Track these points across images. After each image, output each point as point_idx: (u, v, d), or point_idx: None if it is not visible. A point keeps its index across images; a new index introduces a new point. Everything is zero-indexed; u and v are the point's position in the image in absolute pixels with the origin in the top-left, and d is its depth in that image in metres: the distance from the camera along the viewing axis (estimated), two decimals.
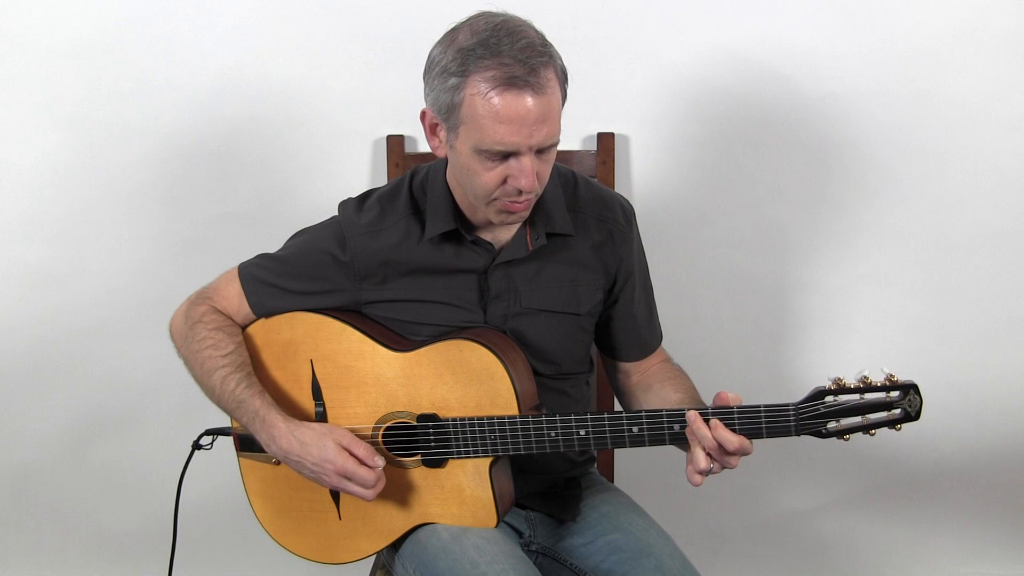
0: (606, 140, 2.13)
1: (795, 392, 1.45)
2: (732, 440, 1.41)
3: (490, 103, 1.40)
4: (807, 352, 2.28)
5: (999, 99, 2.14)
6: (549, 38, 1.46)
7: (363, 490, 1.53)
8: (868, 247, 2.23)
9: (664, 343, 1.80)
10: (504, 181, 1.47)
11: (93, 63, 2.15)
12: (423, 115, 1.53)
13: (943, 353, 2.26)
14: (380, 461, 1.54)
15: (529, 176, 1.45)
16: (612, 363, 1.78)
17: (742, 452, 1.43)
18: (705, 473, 1.44)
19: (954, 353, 2.26)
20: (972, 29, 2.11)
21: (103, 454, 2.36)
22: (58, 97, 2.17)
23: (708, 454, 1.43)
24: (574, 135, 2.16)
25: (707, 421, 1.44)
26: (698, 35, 2.14)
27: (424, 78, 1.50)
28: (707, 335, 2.25)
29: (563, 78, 1.47)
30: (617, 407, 1.87)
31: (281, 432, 1.55)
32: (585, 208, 1.66)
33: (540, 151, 1.46)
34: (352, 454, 1.53)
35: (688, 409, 1.46)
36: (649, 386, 1.71)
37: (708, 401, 1.51)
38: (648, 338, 1.76)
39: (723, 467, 1.45)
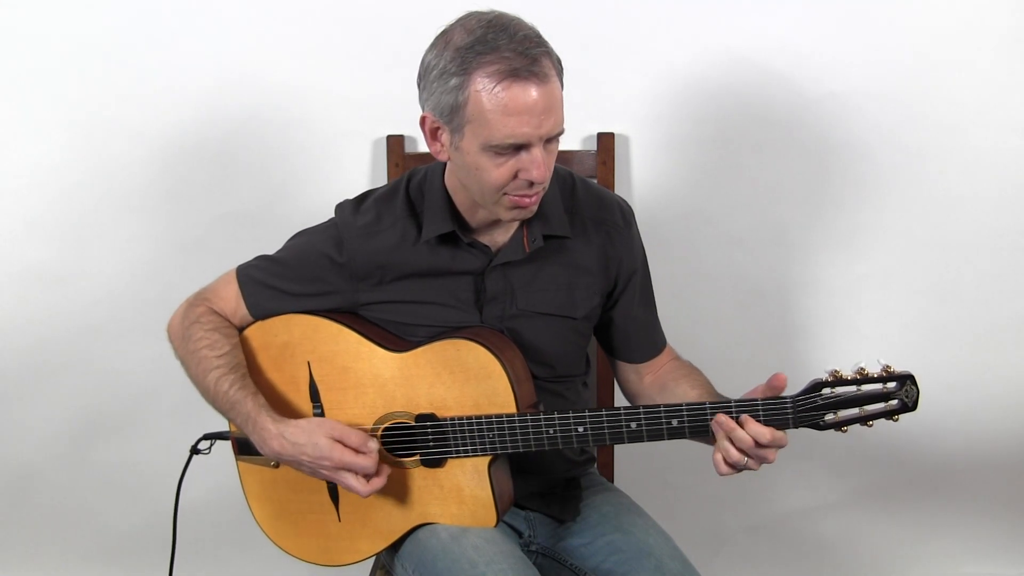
0: (606, 140, 2.13)
1: (795, 392, 1.45)
2: (764, 433, 1.41)
3: (496, 97, 1.40)
4: (807, 352, 2.28)
5: (999, 100, 2.14)
6: (549, 38, 1.46)
7: (361, 485, 1.52)
8: (868, 247, 2.23)
9: None
10: (515, 176, 1.47)
11: (94, 63, 2.15)
12: (422, 121, 1.52)
13: (943, 352, 2.25)
14: (375, 445, 1.53)
15: (540, 167, 1.44)
16: (623, 366, 1.77)
17: (776, 444, 1.42)
18: (735, 466, 1.44)
19: (954, 353, 2.26)
20: (972, 29, 2.11)
21: (103, 454, 2.36)
22: (59, 97, 2.17)
23: (742, 450, 1.43)
24: (574, 135, 2.15)
25: (736, 419, 1.43)
26: (698, 35, 2.14)
27: (419, 84, 1.50)
28: (707, 335, 2.25)
29: (559, 68, 1.47)
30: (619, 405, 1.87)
31: (271, 434, 1.54)
32: (583, 210, 1.66)
33: (547, 141, 1.46)
34: (346, 445, 1.53)
35: (687, 405, 1.47)
36: (664, 385, 1.70)
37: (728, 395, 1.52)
38: (655, 336, 1.76)
39: (760, 462, 1.44)
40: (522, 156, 1.45)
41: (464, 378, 1.55)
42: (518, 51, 1.40)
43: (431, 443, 1.57)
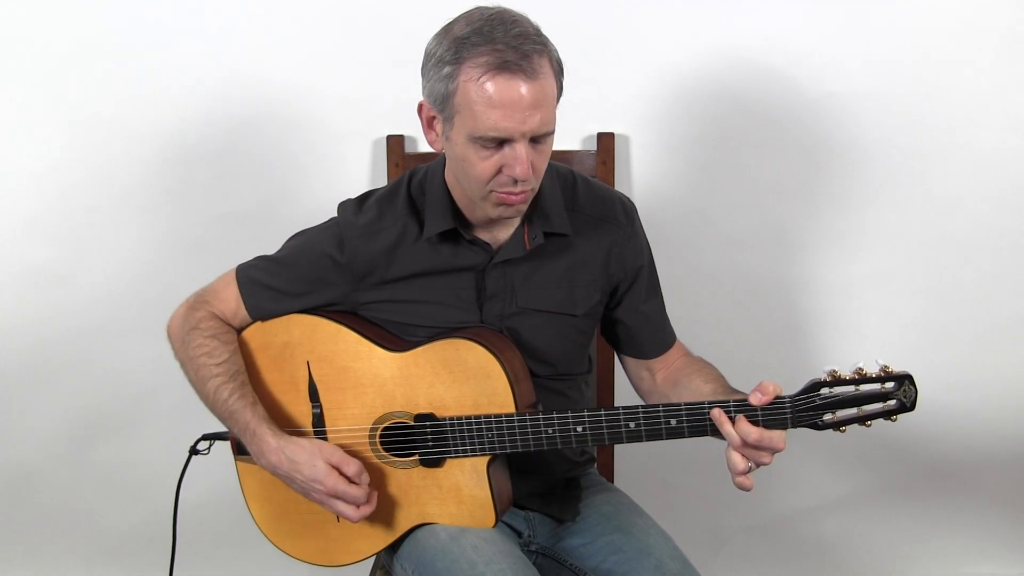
0: (606, 140, 2.13)
1: (794, 392, 1.45)
2: (751, 432, 1.40)
3: (483, 88, 1.40)
4: (807, 352, 2.28)
5: (999, 99, 2.14)
6: (549, 38, 1.46)
7: (351, 511, 1.54)
8: (868, 247, 2.23)
9: None
10: (499, 171, 1.46)
11: (93, 63, 2.15)
12: (420, 108, 1.53)
13: (942, 352, 2.25)
14: (367, 477, 1.55)
15: (523, 164, 1.44)
16: (635, 364, 1.77)
17: (770, 447, 1.41)
18: (745, 472, 1.43)
19: (954, 353, 2.26)
20: (972, 29, 2.11)
21: (103, 454, 2.36)
22: (59, 97, 2.17)
23: (741, 453, 1.43)
24: (574, 135, 2.16)
25: (732, 418, 1.43)
26: (698, 35, 2.14)
27: (421, 71, 1.50)
28: (707, 335, 2.22)
29: (558, 69, 1.47)
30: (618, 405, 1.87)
31: (271, 448, 1.55)
32: (584, 208, 1.66)
33: (535, 140, 1.45)
34: (342, 473, 1.53)
35: (686, 404, 1.46)
36: (677, 381, 1.70)
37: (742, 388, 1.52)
38: (665, 331, 1.76)
39: (758, 464, 1.44)
40: (506, 152, 1.45)
41: (463, 378, 1.54)
42: (511, 45, 1.40)
43: (430, 443, 1.57)
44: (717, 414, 1.43)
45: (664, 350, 1.75)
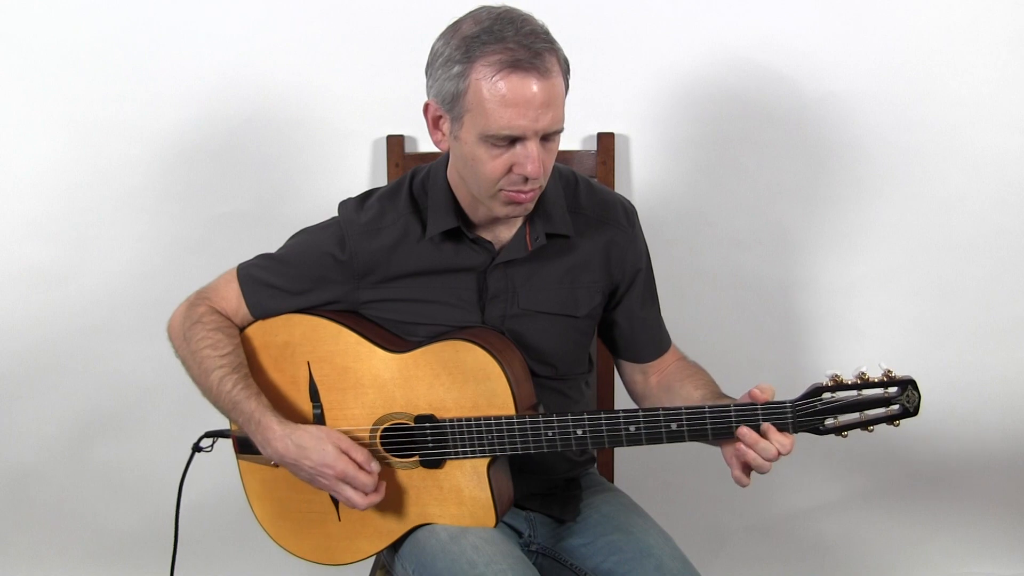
0: (606, 140, 2.13)
1: (795, 392, 1.45)
2: (787, 443, 1.41)
3: (496, 87, 1.40)
4: (807, 352, 2.28)
5: (999, 99, 2.14)
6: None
7: (359, 497, 1.53)
8: (868, 247, 2.23)
9: None
10: (510, 169, 1.46)
11: (93, 63, 2.15)
12: (426, 108, 1.52)
13: (943, 353, 2.26)
14: (376, 466, 1.54)
15: (535, 162, 1.44)
16: (629, 367, 1.78)
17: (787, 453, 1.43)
18: (759, 470, 1.44)
19: (954, 353, 2.26)
20: (972, 29, 2.11)
21: (103, 454, 2.36)
22: (58, 97, 2.17)
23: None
24: (574, 135, 2.16)
25: (756, 428, 1.43)
26: (698, 35, 2.14)
27: (426, 71, 1.50)
28: (707, 335, 2.25)
29: (565, 67, 1.47)
30: (619, 407, 1.87)
31: (277, 435, 1.55)
32: (586, 209, 1.66)
33: (545, 139, 1.46)
34: (351, 459, 1.53)
35: (686, 408, 1.46)
36: (669, 386, 1.70)
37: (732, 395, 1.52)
38: (660, 336, 1.76)
39: (760, 471, 1.44)
40: (517, 150, 1.45)
41: (463, 379, 1.55)
42: (522, 44, 1.40)
43: (430, 444, 1.57)
44: (747, 433, 1.43)
45: (659, 354, 1.75)
